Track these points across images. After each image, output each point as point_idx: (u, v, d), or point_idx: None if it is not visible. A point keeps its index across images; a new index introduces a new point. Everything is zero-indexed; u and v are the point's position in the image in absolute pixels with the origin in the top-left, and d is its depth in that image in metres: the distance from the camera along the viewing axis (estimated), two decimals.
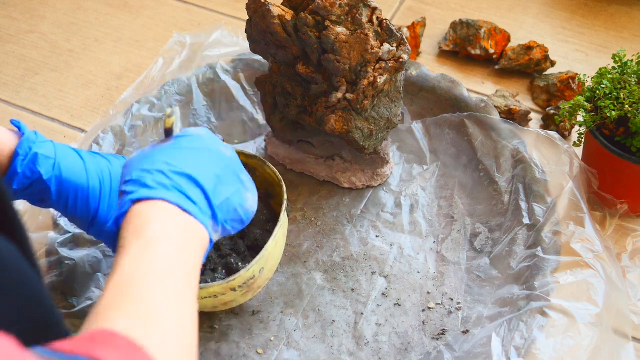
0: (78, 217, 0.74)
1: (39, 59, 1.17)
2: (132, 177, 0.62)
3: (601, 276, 0.82)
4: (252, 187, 0.71)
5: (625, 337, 0.80)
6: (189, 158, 0.65)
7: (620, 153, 0.87)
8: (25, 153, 0.71)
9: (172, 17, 1.23)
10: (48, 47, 1.19)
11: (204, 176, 0.64)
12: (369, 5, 0.84)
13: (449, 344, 0.82)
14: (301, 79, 0.89)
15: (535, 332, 0.78)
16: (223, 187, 0.66)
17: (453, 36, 1.15)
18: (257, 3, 0.85)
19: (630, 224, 0.94)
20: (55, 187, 0.72)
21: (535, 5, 1.24)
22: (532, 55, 1.11)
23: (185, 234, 0.59)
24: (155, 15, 1.24)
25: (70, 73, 1.15)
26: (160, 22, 1.22)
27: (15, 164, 0.70)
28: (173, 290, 0.53)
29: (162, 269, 0.54)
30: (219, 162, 0.67)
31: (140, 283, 0.52)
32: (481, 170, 0.96)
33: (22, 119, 1.08)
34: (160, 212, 0.59)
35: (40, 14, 1.23)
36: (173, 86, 1.01)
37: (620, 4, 1.24)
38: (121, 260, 0.54)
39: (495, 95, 1.07)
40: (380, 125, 0.90)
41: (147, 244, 0.55)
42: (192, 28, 1.12)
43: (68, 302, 0.83)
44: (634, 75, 0.90)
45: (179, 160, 0.64)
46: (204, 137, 0.68)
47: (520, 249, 0.87)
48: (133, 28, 1.22)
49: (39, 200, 0.74)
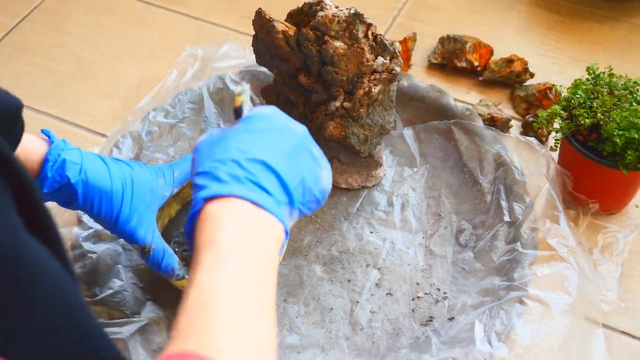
0: (102, 217, 0.75)
1: (65, 71, 1.17)
2: (205, 169, 0.57)
3: (574, 269, 0.83)
4: (326, 164, 0.64)
5: (595, 324, 0.81)
6: (262, 141, 0.59)
7: (593, 157, 0.88)
8: (54, 159, 0.71)
9: (184, 33, 1.23)
10: (73, 60, 1.19)
11: (277, 160, 0.58)
12: (365, 22, 0.84)
13: (436, 330, 0.82)
14: (303, 88, 0.89)
15: (514, 319, 0.78)
16: (297, 168, 0.60)
17: (441, 50, 1.16)
18: (262, 19, 0.85)
19: (601, 221, 0.95)
20: (81, 191, 0.72)
21: (516, 22, 1.25)
22: (513, 67, 1.11)
23: (260, 236, 0.54)
24: (169, 31, 1.24)
25: (93, 83, 1.15)
26: (174, 37, 1.22)
27: (46, 169, 0.71)
28: (250, 305, 0.49)
29: (238, 284, 0.50)
30: (291, 140, 0.61)
31: (216, 302, 0.48)
32: (466, 172, 0.96)
33: (50, 125, 1.09)
34: (234, 215, 0.54)
35: (66, 30, 1.24)
36: (186, 95, 1.02)
37: (593, 20, 1.24)
38: (197, 276, 0.50)
39: (479, 104, 1.07)
40: (374, 131, 0.90)
41: (221, 257, 0.51)
42: (203, 42, 1.12)
43: (91, 291, 0.83)
44: (606, 86, 0.90)
45: (251, 145, 0.58)
46: (274, 116, 0.63)
47: (501, 244, 0.87)
48: (150, 42, 1.22)
49: (67, 202, 0.74)
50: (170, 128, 1.00)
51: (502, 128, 1.03)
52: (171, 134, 1.00)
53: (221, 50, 1.08)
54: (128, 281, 0.85)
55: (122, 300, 0.83)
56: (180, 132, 1.00)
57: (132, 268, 0.87)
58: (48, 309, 0.39)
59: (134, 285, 0.85)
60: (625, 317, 0.87)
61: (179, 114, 1.00)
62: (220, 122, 1.02)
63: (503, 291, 0.81)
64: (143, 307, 0.83)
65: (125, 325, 0.79)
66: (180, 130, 1.00)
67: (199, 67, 1.07)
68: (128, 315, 0.81)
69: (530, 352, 0.77)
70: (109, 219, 0.75)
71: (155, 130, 0.98)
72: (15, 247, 0.37)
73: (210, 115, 1.02)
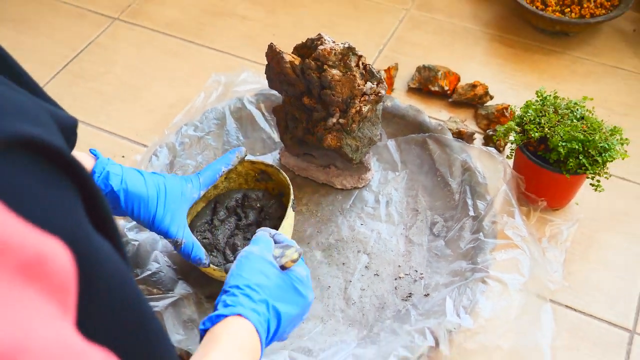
0: (141, 219, 0.74)
1: (113, 93, 1.17)
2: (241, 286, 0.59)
3: (527, 254, 0.82)
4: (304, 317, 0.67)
5: (544, 300, 0.80)
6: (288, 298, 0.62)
7: (541, 164, 0.87)
8: (100, 171, 0.71)
9: (211, 63, 1.23)
10: (120, 84, 1.18)
11: (285, 316, 0.61)
12: (356, 54, 0.84)
13: (414, 304, 0.81)
14: (306, 108, 0.89)
15: (477, 295, 0.77)
16: (291, 325, 0.64)
17: (418, 77, 1.15)
18: (273, 52, 0.85)
19: (548, 216, 0.94)
20: (123, 197, 0.72)
21: (479, 55, 1.24)
22: (476, 91, 1.11)
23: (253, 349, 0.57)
24: (198, 61, 1.23)
25: (136, 104, 1.15)
26: (202, 67, 1.22)
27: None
28: None
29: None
30: (302, 306, 0.64)
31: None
32: (438, 176, 0.96)
33: (100, 137, 1.08)
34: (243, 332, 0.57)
35: (115, 60, 1.23)
36: (211, 113, 1.01)
37: (541, 54, 1.24)
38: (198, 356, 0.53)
39: (449, 120, 1.07)
40: (364, 142, 0.90)
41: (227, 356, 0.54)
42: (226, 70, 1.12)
43: (134, 272, 0.82)
44: (552, 106, 0.90)
45: (278, 297, 0.61)
46: (305, 283, 0.65)
47: (467, 234, 0.87)
48: (182, 70, 1.21)
49: (112, 207, 0.73)
50: (199, 140, 0.99)
51: (468, 140, 1.03)
52: (199, 144, 0.99)
53: (240, 77, 1.08)
54: (164, 264, 0.84)
55: (158, 280, 0.82)
56: (206, 143, 1.00)
57: (167, 253, 0.86)
58: (119, 295, 0.38)
59: (168, 267, 0.84)
60: (568, 294, 0.87)
61: (205, 128, 1.00)
62: (239, 134, 1.02)
63: (469, 273, 0.81)
64: (175, 285, 0.82)
65: (161, 300, 0.79)
66: (206, 141, 1.00)
67: (222, 90, 1.07)
68: (163, 292, 0.81)
69: (491, 322, 0.77)
70: (146, 220, 0.74)
71: (187, 141, 0.98)
72: (88, 241, 0.36)
73: (231, 129, 1.02)
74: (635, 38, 1.27)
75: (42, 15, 1.32)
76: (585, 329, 0.84)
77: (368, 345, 0.76)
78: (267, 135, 1.03)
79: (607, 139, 0.85)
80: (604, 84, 1.18)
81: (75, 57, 1.24)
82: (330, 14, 1.33)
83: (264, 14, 1.33)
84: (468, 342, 0.75)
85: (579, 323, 0.84)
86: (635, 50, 1.24)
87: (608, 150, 0.84)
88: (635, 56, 1.23)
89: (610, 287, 0.88)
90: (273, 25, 1.31)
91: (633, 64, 1.22)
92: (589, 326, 0.84)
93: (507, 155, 0.96)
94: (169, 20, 1.32)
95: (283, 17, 1.33)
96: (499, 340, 0.75)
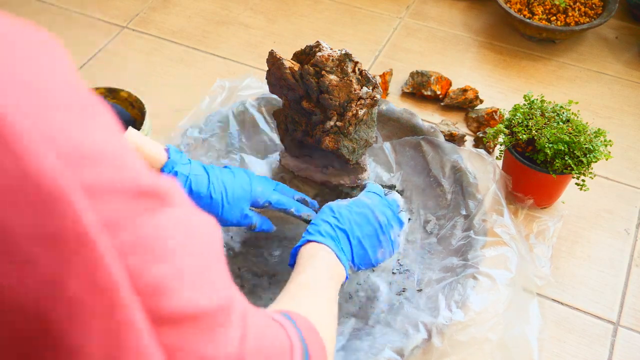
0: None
1: None
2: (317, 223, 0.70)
3: (515, 251, 0.82)
4: (388, 246, 0.74)
5: (531, 294, 0.80)
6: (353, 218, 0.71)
7: (529, 164, 0.87)
8: (168, 171, 0.73)
9: (215, 69, 1.22)
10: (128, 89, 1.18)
11: (354, 235, 0.70)
12: (353, 60, 0.84)
13: (408, 298, 0.81)
14: (305, 111, 0.88)
15: (468, 290, 0.77)
16: (365, 245, 0.71)
17: (411, 82, 1.15)
18: (274, 58, 0.84)
19: (535, 213, 0.94)
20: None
21: (470, 61, 1.24)
22: (467, 95, 1.11)
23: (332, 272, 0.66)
24: (203, 67, 1.23)
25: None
26: (207, 73, 1.21)
27: None
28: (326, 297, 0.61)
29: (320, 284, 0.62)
30: (371, 225, 0.72)
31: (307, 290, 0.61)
32: (431, 177, 0.95)
33: None
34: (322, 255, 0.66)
35: (123, 66, 1.23)
36: (215, 116, 1.01)
37: (529, 60, 1.24)
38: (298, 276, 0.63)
39: (441, 123, 1.06)
40: (360, 144, 0.89)
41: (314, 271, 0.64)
42: (230, 76, 1.12)
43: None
44: (539, 110, 0.89)
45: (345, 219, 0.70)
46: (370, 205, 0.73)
47: (458, 232, 0.86)
48: (188, 76, 1.21)
49: None
50: (203, 142, 0.99)
51: (459, 142, 1.03)
52: (203, 146, 0.99)
53: (244, 82, 1.07)
54: None
55: None
56: (210, 144, 0.99)
57: None
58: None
59: None
60: (554, 289, 0.86)
61: (209, 130, 0.99)
62: (242, 137, 1.01)
63: (460, 269, 0.80)
64: None
65: None
66: (210, 143, 0.99)
67: (226, 95, 1.06)
68: None
69: (481, 316, 0.76)
70: None
71: (192, 143, 0.97)
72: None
73: (233, 131, 1.01)
74: (617, 45, 1.27)
75: (54, 25, 1.31)
76: (572, 321, 0.83)
77: (363, 337, 0.76)
78: (268, 137, 1.03)
79: (592, 140, 0.84)
80: (588, 89, 1.17)
81: (85, 64, 1.24)
82: (329, 23, 1.33)
83: (266, 23, 1.33)
84: (459, 335, 0.74)
85: (565, 316, 0.84)
86: (618, 56, 1.24)
87: (592, 152, 0.84)
88: (618, 62, 1.23)
89: (595, 281, 0.88)
90: (274, 33, 1.30)
91: (615, 70, 1.21)
92: (575, 319, 0.83)
93: (496, 156, 0.96)
94: (175, 28, 1.31)
95: (284, 25, 1.32)
96: (488, 333, 0.75)
